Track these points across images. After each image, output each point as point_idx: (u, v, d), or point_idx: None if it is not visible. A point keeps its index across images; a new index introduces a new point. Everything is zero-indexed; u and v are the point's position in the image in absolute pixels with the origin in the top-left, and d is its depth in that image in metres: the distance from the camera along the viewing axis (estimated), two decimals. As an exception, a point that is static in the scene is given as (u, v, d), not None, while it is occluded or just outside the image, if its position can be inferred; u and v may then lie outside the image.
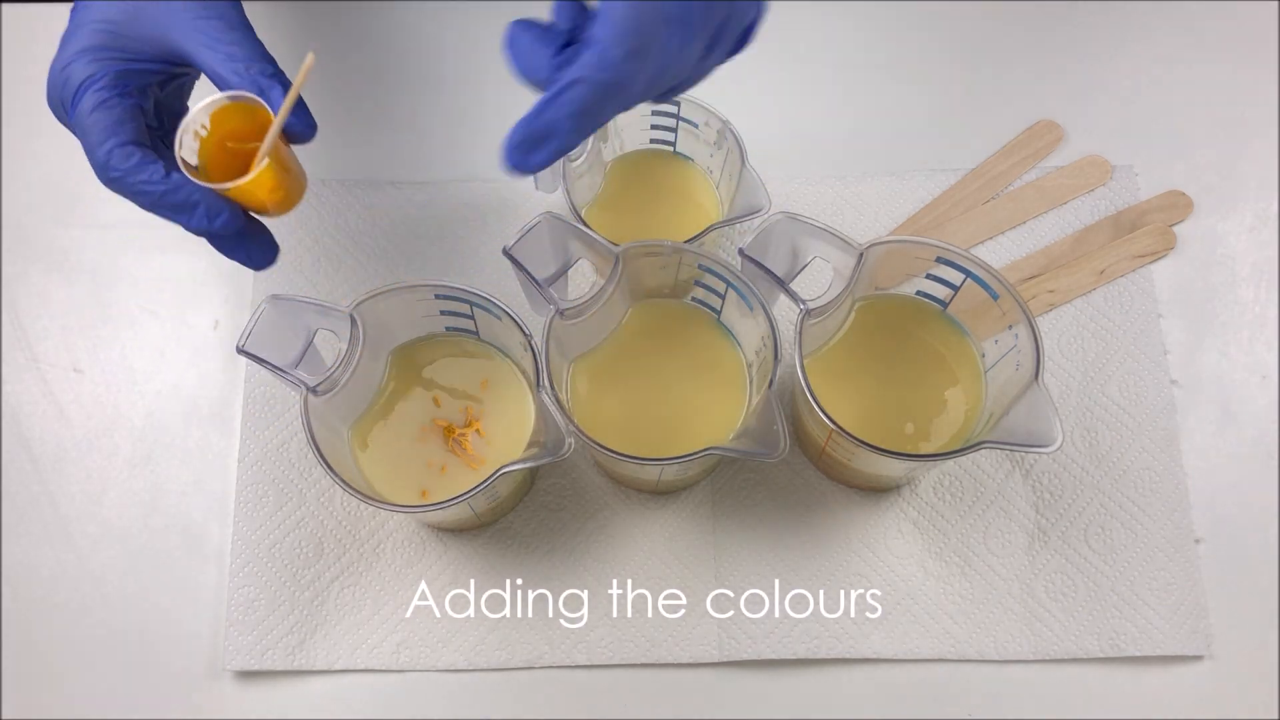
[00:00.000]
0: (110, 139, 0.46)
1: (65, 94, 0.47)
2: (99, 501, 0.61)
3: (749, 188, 0.54)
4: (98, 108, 0.46)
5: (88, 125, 0.46)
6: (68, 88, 0.47)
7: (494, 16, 0.71)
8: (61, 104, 0.48)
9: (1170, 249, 0.64)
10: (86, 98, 0.47)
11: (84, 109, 0.47)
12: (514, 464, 0.48)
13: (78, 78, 0.47)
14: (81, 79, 0.47)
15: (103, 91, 0.47)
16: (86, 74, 0.47)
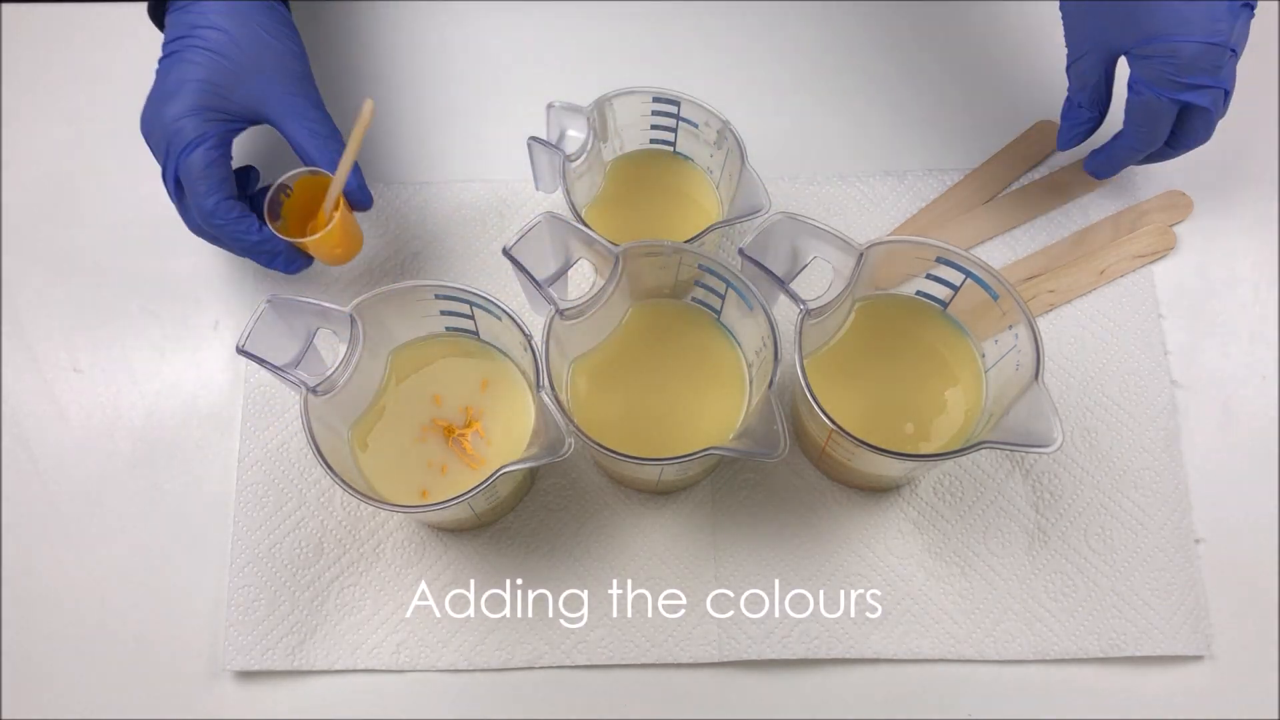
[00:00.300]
0: (217, 194, 0.56)
1: (175, 144, 0.55)
2: (99, 501, 0.61)
3: (749, 188, 0.54)
4: (210, 165, 0.56)
5: (198, 178, 0.55)
6: (179, 138, 0.55)
7: (494, 17, 0.71)
8: (168, 150, 0.56)
9: (1170, 249, 0.64)
10: (198, 154, 0.55)
11: (195, 164, 0.55)
12: (514, 464, 0.48)
13: (190, 133, 0.55)
14: (194, 135, 0.55)
15: (212, 151, 0.56)
16: (199, 132, 0.56)
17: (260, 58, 0.57)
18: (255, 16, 0.57)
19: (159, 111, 0.56)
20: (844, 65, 0.70)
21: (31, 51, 0.71)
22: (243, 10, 0.57)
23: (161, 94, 0.56)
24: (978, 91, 0.69)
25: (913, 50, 0.70)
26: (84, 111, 0.69)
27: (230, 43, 0.56)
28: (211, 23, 0.56)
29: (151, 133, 0.57)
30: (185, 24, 0.57)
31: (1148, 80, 0.55)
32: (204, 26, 0.56)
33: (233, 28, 0.57)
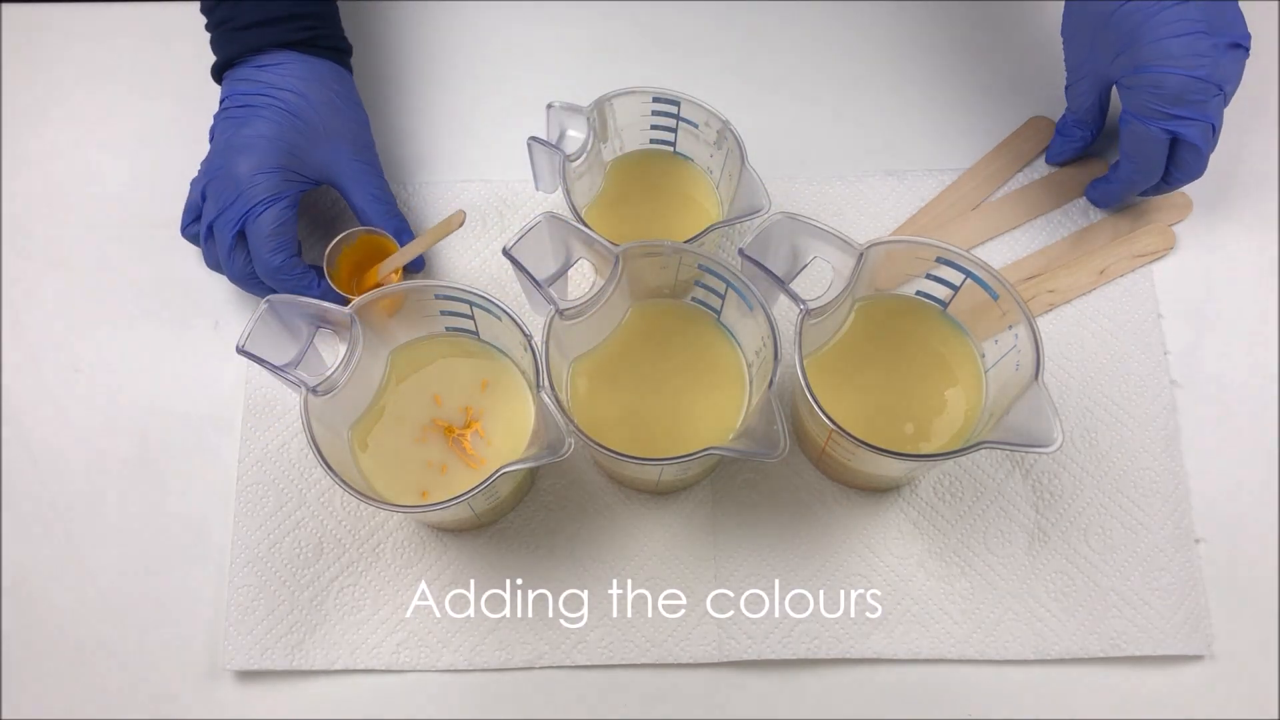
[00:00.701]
0: (284, 252, 0.58)
1: (248, 198, 0.57)
2: (99, 501, 0.61)
3: (749, 188, 0.54)
4: (282, 225, 0.58)
5: (268, 236, 0.57)
6: (253, 194, 0.57)
7: (494, 17, 0.71)
8: (236, 202, 0.57)
9: (1170, 249, 0.64)
10: (272, 213, 0.57)
11: (267, 222, 0.57)
12: (514, 464, 0.48)
13: (266, 191, 0.57)
14: (270, 194, 0.57)
15: (287, 210, 0.58)
16: (274, 191, 0.58)
17: (332, 124, 0.60)
18: (330, 83, 0.60)
19: (231, 162, 0.58)
20: (844, 65, 0.70)
21: (31, 51, 0.71)
22: (319, 75, 0.60)
23: (234, 146, 0.58)
24: (978, 92, 0.69)
25: (912, 50, 0.70)
26: (84, 111, 0.69)
27: (307, 107, 0.59)
28: (290, 86, 0.59)
29: (218, 180, 0.58)
30: (261, 81, 0.59)
31: (1136, 111, 0.57)
32: (283, 89, 0.59)
33: (310, 93, 0.59)
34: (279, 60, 0.59)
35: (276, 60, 0.59)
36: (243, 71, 0.59)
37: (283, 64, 0.59)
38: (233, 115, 0.59)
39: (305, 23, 0.60)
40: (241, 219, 0.57)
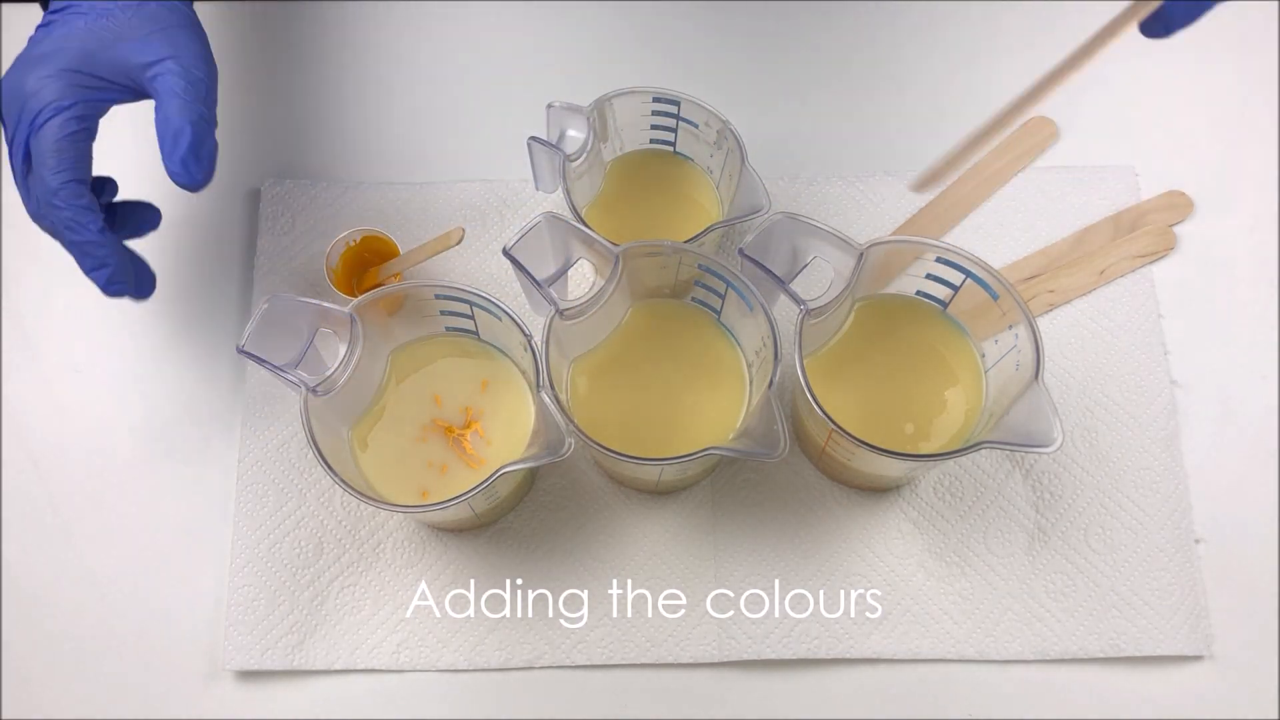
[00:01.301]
0: (67, 172, 0.47)
1: (30, 108, 0.47)
2: (99, 501, 0.61)
3: (749, 188, 0.54)
4: (66, 138, 0.47)
5: (49, 151, 0.47)
6: (35, 102, 0.47)
7: (494, 17, 0.71)
8: (20, 116, 0.48)
9: (1170, 249, 0.64)
10: (55, 123, 0.47)
11: (49, 134, 0.47)
12: (514, 464, 0.48)
13: (49, 97, 0.47)
14: (52, 100, 0.47)
15: (72, 122, 0.48)
16: (58, 97, 0.48)
17: (148, 22, 0.49)
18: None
19: (20, 77, 0.49)
20: (844, 65, 0.70)
21: (31, 51, 0.71)
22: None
23: (26, 60, 0.49)
24: (977, 92, 0.69)
25: (912, 50, 0.70)
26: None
27: (110, 9, 0.49)
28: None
29: (6, 102, 0.49)
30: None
31: None
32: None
33: None
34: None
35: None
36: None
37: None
38: (34, 38, 0.51)
39: None
40: (26, 137, 0.48)
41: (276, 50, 0.70)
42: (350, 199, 0.66)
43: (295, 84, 0.70)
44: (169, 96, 0.48)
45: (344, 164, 0.67)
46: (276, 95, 0.69)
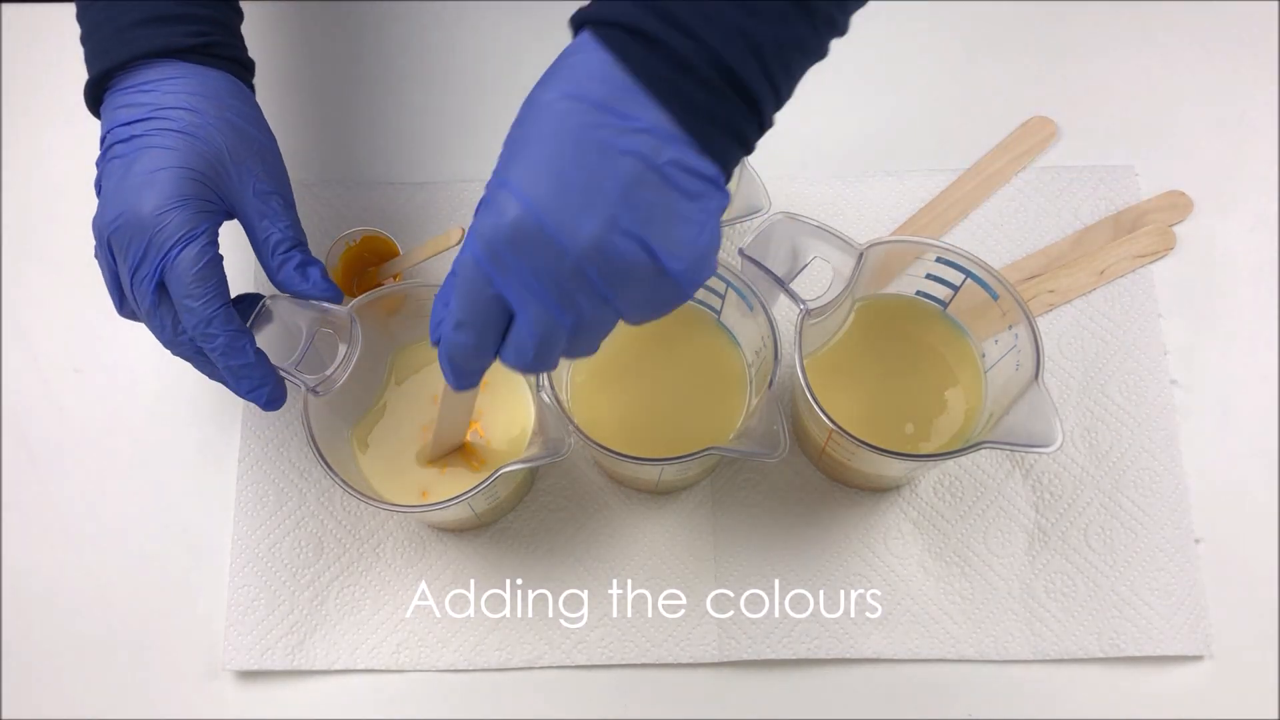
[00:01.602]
0: (216, 301, 0.47)
1: (160, 241, 0.46)
2: (99, 501, 0.61)
3: (749, 188, 0.54)
4: (207, 266, 0.46)
5: (192, 282, 0.46)
6: (165, 235, 0.46)
7: (494, 17, 0.71)
8: (147, 249, 0.46)
9: (1170, 249, 0.64)
10: (190, 253, 0.46)
11: (187, 264, 0.46)
12: (514, 464, 0.48)
13: (180, 227, 0.46)
14: (185, 230, 0.46)
15: (209, 248, 0.47)
16: (190, 226, 0.46)
17: (236, 146, 0.49)
18: (227, 99, 0.50)
19: (131, 205, 0.46)
20: (843, 65, 0.70)
21: (31, 51, 0.71)
22: (214, 90, 0.49)
23: (129, 186, 0.47)
24: (978, 92, 0.69)
25: (911, 50, 0.70)
26: (84, 111, 0.69)
27: (205, 125, 0.48)
28: (182, 104, 0.48)
29: (121, 233, 0.47)
30: (145, 104, 0.48)
31: None
32: (173, 108, 0.48)
33: (207, 110, 0.48)
34: (165, 75, 0.48)
35: (162, 75, 0.48)
36: (122, 97, 0.48)
37: (170, 79, 0.48)
38: (118, 155, 0.48)
39: (199, 26, 0.49)
40: (158, 268, 0.46)
41: (276, 51, 0.70)
42: (350, 199, 0.66)
43: (295, 85, 0.70)
44: (276, 257, 0.50)
45: (344, 164, 0.67)
46: (276, 96, 0.69)
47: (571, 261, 0.36)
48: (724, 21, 0.36)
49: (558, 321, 0.37)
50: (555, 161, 0.36)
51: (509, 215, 0.36)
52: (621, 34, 0.36)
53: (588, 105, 0.36)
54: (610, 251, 0.36)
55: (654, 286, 0.37)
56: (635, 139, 0.35)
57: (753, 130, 0.38)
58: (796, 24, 0.37)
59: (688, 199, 0.36)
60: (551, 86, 0.37)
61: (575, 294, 0.37)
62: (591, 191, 0.35)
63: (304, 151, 0.68)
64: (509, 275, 0.37)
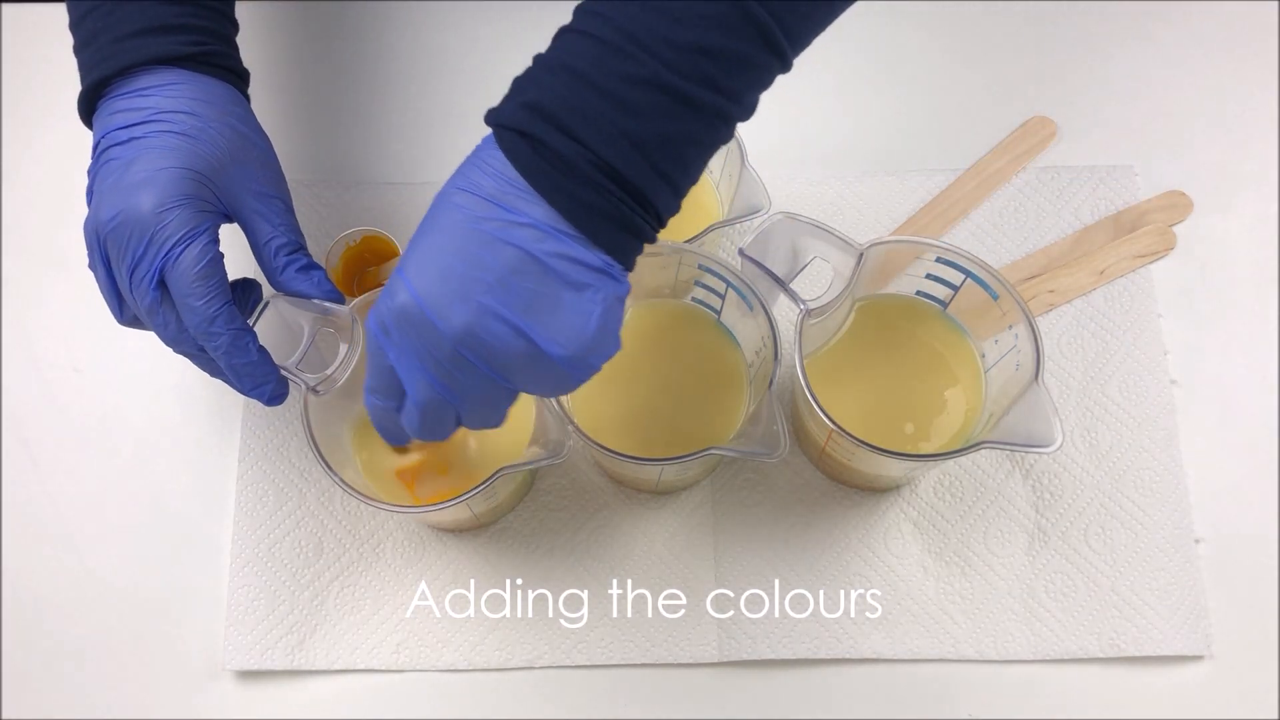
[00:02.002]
0: (219, 299, 0.46)
1: (161, 239, 0.46)
2: (99, 501, 0.61)
3: (749, 188, 0.54)
4: (209, 264, 0.46)
5: (194, 280, 0.46)
6: (167, 233, 0.46)
7: (493, 17, 0.71)
8: (147, 248, 0.46)
9: (1170, 249, 0.64)
10: (193, 252, 0.46)
11: (189, 263, 0.46)
12: (514, 465, 0.48)
13: (181, 226, 0.46)
14: (187, 229, 0.46)
15: (211, 247, 0.47)
16: (192, 225, 0.46)
17: (237, 150, 0.49)
18: (229, 106, 0.50)
19: (130, 203, 0.46)
20: (843, 65, 0.70)
21: (31, 51, 0.71)
22: (215, 97, 0.50)
23: (128, 184, 0.46)
24: (977, 92, 0.69)
25: (911, 50, 0.70)
26: (84, 111, 0.69)
27: (206, 128, 0.48)
28: (183, 108, 0.48)
29: (118, 232, 0.46)
30: (145, 108, 0.48)
31: None
32: (174, 111, 0.48)
33: (208, 114, 0.49)
34: (165, 81, 0.48)
35: (162, 81, 0.48)
36: (119, 102, 0.48)
37: (171, 84, 0.48)
38: (115, 157, 0.47)
39: (198, 36, 0.50)
40: (158, 267, 0.46)
41: (276, 51, 0.70)
42: (350, 199, 0.66)
43: (295, 85, 0.69)
44: (275, 257, 0.50)
45: (344, 164, 0.67)
46: (276, 96, 0.69)
47: (449, 344, 0.39)
48: (605, 124, 0.38)
49: (440, 397, 0.40)
50: (442, 251, 0.39)
51: (398, 300, 0.39)
52: (513, 136, 0.39)
53: (479, 199, 0.39)
54: (484, 335, 0.38)
55: (540, 369, 0.40)
56: (519, 231, 0.38)
57: (648, 221, 0.40)
58: (682, 120, 0.38)
59: (571, 288, 0.39)
60: (455, 181, 0.40)
61: (455, 372, 0.40)
62: (469, 280, 0.38)
63: (304, 152, 0.68)
64: (398, 351, 0.40)
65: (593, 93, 0.38)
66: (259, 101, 0.67)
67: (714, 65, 0.38)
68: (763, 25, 0.38)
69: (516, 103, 0.39)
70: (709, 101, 0.38)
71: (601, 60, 0.38)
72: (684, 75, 0.38)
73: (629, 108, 0.38)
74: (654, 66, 0.37)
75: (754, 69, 0.39)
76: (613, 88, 0.38)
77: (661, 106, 0.38)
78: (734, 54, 0.38)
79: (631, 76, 0.37)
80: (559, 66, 0.39)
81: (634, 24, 0.38)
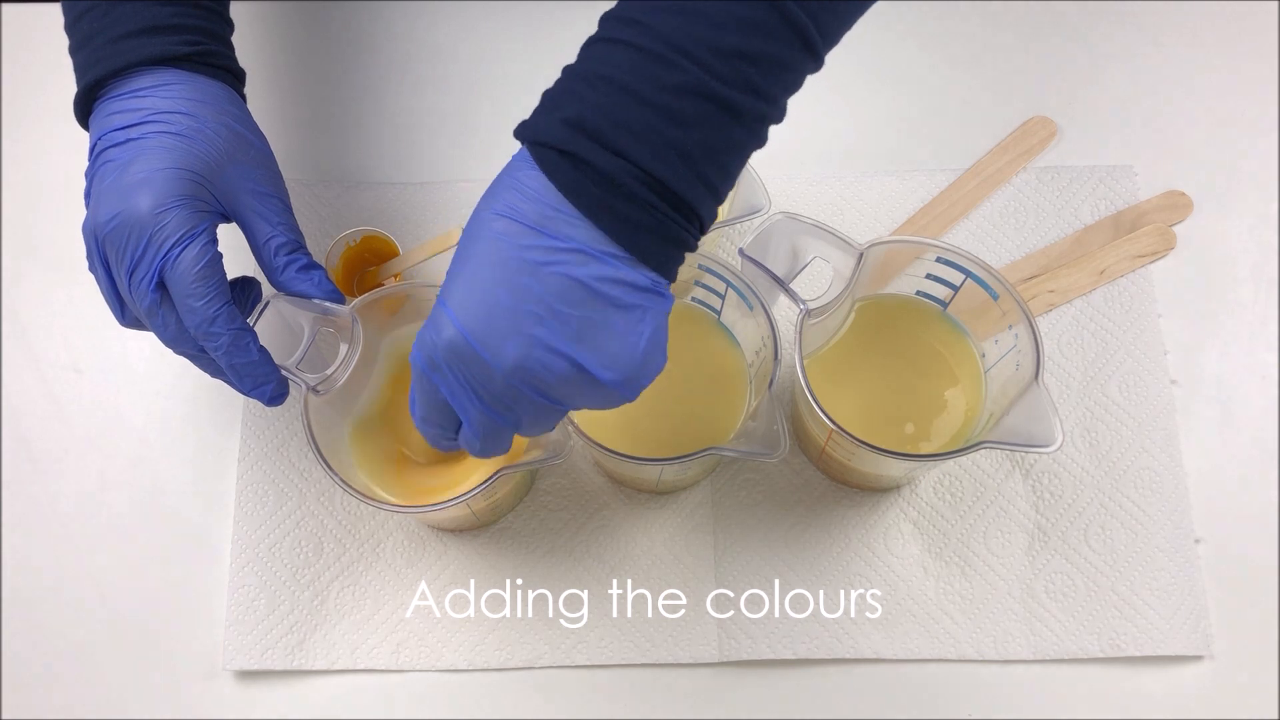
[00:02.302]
0: (219, 299, 0.46)
1: (159, 240, 0.46)
2: (99, 501, 0.61)
3: (749, 188, 0.54)
4: (208, 265, 0.46)
5: (193, 281, 0.46)
6: (165, 234, 0.46)
7: (493, 17, 0.71)
8: (145, 249, 0.46)
9: (1170, 249, 0.64)
10: (191, 252, 0.46)
11: (188, 264, 0.46)
12: (514, 465, 0.48)
13: (180, 226, 0.46)
14: (185, 230, 0.46)
15: (210, 247, 0.47)
16: (190, 225, 0.46)
17: (234, 149, 0.49)
18: (225, 105, 0.50)
19: (128, 204, 0.46)
20: (844, 65, 0.70)
21: (31, 51, 0.71)
22: (211, 97, 0.50)
23: (125, 185, 0.46)
24: (978, 92, 0.69)
25: (911, 50, 0.70)
26: (84, 111, 0.69)
27: (203, 129, 0.48)
28: (179, 108, 0.48)
29: (115, 234, 0.46)
30: (141, 109, 0.48)
31: None
32: (170, 112, 0.48)
33: (205, 114, 0.48)
34: (162, 81, 0.48)
35: (158, 82, 0.48)
36: (115, 104, 0.48)
37: (167, 85, 0.48)
38: (111, 159, 0.47)
39: (193, 36, 0.50)
40: (157, 268, 0.46)
41: (276, 51, 0.70)
42: (350, 199, 0.66)
43: (294, 84, 0.70)
44: (275, 255, 0.50)
45: (344, 164, 0.67)
46: (276, 96, 0.69)
47: (501, 378, 0.38)
48: (652, 137, 0.37)
49: (498, 424, 0.40)
50: (486, 282, 0.38)
51: (444, 335, 0.38)
52: (553, 155, 0.37)
53: (521, 226, 0.38)
54: (537, 369, 0.38)
55: (592, 392, 0.39)
56: (565, 257, 0.37)
57: (692, 233, 0.39)
58: (726, 128, 0.38)
59: (620, 311, 0.38)
60: (492, 204, 0.39)
61: (510, 403, 0.39)
62: (518, 312, 0.37)
63: (304, 152, 0.68)
64: (449, 386, 0.40)
65: (637, 105, 0.37)
66: (261, 102, 0.67)
67: (755, 70, 0.38)
68: (801, 27, 0.38)
69: (556, 119, 0.38)
70: (750, 107, 0.38)
71: (643, 70, 0.37)
72: (727, 82, 0.37)
73: (675, 118, 0.37)
74: (697, 74, 0.37)
75: (791, 71, 0.39)
76: (657, 98, 0.37)
77: (707, 115, 0.37)
78: (774, 57, 0.38)
79: (675, 86, 0.37)
80: (597, 78, 0.38)
81: (673, 31, 0.37)
